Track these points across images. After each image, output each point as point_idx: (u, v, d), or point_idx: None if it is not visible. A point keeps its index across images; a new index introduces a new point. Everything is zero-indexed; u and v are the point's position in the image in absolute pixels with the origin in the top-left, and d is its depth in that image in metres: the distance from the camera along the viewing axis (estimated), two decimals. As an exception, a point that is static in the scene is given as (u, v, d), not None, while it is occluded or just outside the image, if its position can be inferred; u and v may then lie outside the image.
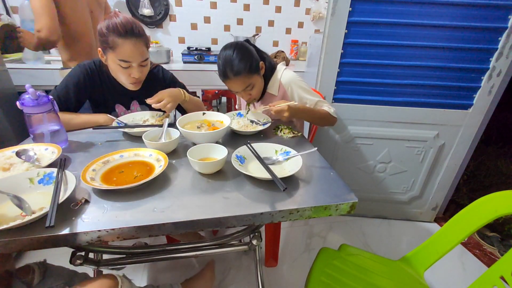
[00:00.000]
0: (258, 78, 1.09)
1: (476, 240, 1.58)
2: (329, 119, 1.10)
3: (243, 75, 1.01)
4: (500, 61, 1.24)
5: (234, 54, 1.00)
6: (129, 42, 0.93)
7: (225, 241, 0.89)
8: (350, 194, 0.67)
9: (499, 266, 0.71)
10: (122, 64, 0.96)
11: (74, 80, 1.04)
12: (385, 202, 1.67)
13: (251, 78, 1.04)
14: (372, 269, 0.90)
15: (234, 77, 1.01)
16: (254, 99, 1.13)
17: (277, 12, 2.39)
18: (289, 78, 1.13)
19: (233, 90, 1.08)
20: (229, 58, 1.00)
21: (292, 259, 1.41)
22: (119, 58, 0.95)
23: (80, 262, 0.74)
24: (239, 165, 0.75)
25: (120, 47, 0.93)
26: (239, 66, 0.99)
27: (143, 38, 0.97)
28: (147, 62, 1.02)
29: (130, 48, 0.93)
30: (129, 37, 0.92)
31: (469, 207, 0.81)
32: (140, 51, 0.96)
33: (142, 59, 0.98)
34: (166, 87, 1.17)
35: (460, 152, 1.48)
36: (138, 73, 1.00)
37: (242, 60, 1.00)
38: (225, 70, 1.01)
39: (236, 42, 1.05)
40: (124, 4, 2.17)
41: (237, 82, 1.02)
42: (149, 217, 0.58)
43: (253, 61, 1.03)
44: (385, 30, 1.22)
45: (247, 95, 1.09)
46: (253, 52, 1.05)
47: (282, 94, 1.16)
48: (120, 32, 0.91)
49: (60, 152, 0.77)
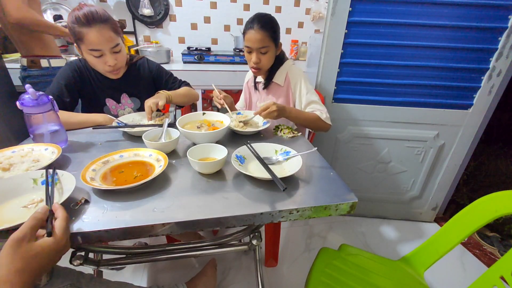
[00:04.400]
0: (273, 50, 1.12)
1: (476, 240, 1.58)
2: (318, 123, 1.10)
3: (267, 31, 1.06)
4: (500, 61, 1.24)
5: (268, 15, 1.09)
6: (94, 30, 0.94)
7: (225, 241, 0.89)
8: (350, 194, 0.67)
9: (499, 266, 0.71)
10: (93, 53, 0.98)
11: (65, 78, 1.06)
12: (385, 202, 1.67)
13: (270, 42, 1.08)
14: (372, 269, 0.90)
15: (259, 28, 1.05)
16: (259, 69, 1.14)
17: (277, 12, 2.39)
18: (296, 72, 1.18)
19: (249, 45, 1.09)
20: (263, 14, 1.08)
21: (292, 259, 1.41)
22: (89, 48, 0.96)
23: (80, 262, 0.74)
24: (239, 165, 0.75)
25: (87, 36, 0.94)
26: (268, 23, 1.06)
27: (108, 23, 0.97)
28: (119, 47, 1.02)
29: (96, 35, 0.94)
30: (92, 25, 0.93)
31: (469, 207, 0.80)
32: (107, 37, 0.97)
33: (111, 44, 0.99)
34: (153, 78, 1.22)
35: (460, 152, 1.48)
36: (112, 60, 1.01)
37: (271, 22, 1.08)
38: (254, 19, 1.06)
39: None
40: (124, 4, 2.17)
41: (258, 34, 1.05)
42: (149, 217, 0.58)
43: (278, 32, 1.10)
44: (385, 30, 1.22)
45: (257, 58, 1.10)
46: (279, 28, 1.12)
47: (287, 86, 1.19)
48: (83, 22, 0.93)
49: (60, 152, 0.77)
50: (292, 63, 1.22)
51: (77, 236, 0.54)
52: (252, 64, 1.13)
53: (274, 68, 1.19)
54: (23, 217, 0.55)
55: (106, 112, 1.16)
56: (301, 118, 1.09)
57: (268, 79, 1.21)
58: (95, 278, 0.74)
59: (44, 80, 1.46)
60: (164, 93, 1.12)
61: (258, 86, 1.28)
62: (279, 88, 1.21)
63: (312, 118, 1.09)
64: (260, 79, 1.27)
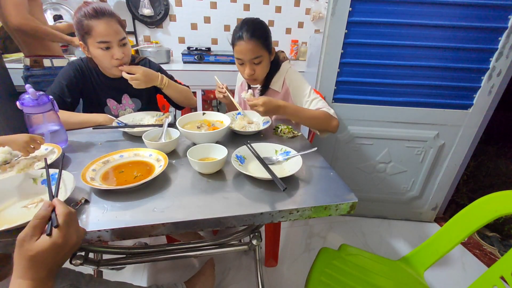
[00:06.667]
0: (267, 58, 1.04)
1: (476, 240, 1.58)
2: (327, 121, 0.99)
3: (257, 41, 0.97)
4: (500, 61, 1.24)
5: (256, 20, 1.01)
6: (103, 21, 0.97)
7: (225, 241, 0.88)
8: (350, 194, 0.67)
9: (499, 266, 0.71)
10: (101, 46, 0.99)
11: (66, 78, 1.07)
12: (385, 202, 1.67)
13: (262, 51, 1.00)
14: (372, 269, 0.91)
15: (248, 39, 0.97)
16: (255, 80, 1.08)
17: (277, 12, 2.39)
18: (294, 76, 1.12)
19: (240, 57, 1.01)
20: (250, 20, 1.00)
21: (292, 259, 1.41)
22: (97, 40, 0.98)
23: (80, 262, 0.74)
24: (239, 165, 0.75)
25: (96, 28, 0.96)
26: (256, 30, 0.98)
27: (115, 17, 1.01)
28: (125, 41, 1.04)
29: (104, 27, 0.97)
30: (101, 17, 0.96)
31: (469, 207, 0.80)
32: (115, 29, 0.99)
33: (119, 37, 1.01)
34: None
35: (460, 152, 1.48)
36: (119, 53, 1.02)
37: (261, 28, 1.00)
38: (241, 29, 0.98)
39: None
40: (124, 4, 2.17)
41: (249, 46, 0.97)
42: (149, 217, 0.58)
43: (269, 37, 1.02)
44: (385, 30, 1.22)
45: (251, 70, 1.03)
46: (270, 33, 1.04)
47: (284, 92, 1.14)
48: (92, 14, 0.96)
49: (60, 152, 0.77)
50: (289, 66, 1.15)
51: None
52: (246, 77, 1.06)
53: (270, 75, 1.12)
54: (23, 217, 0.55)
55: (107, 112, 1.16)
56: (302, 116, 0.98)
57: (265, 87, 1.15)
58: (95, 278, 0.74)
59: (47, 79, 1.48)
60: (158, 79, 1.10)
61: (254, 93, 1.20)
62: (276, 94, 1.15)
63: (319, 115, 0.98)
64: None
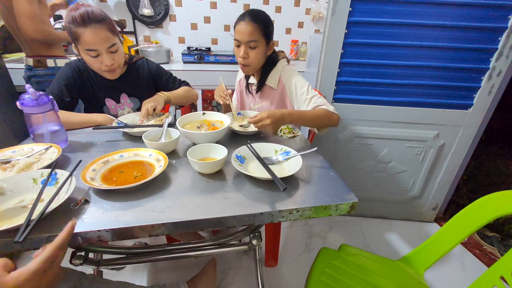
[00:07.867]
0: (264, 46, 1.07)
1: (476, 240, 1.58)
2: (328, 118, 1.00)
3: (258, 25, 1.01)
4: (500, 61, 1.24)
5: (261, 10, 1.05)
6: (90, 29, 0.93)
7: (225, 241, 0.89)
8: (350, 194, 0.67)
9: (499, 266, 0.71)
10: (90, 53, 0.97)
11: (65, 78, 1.06)
12: (385, 202, 1.67)
13: (260, 37, 1.03)
14: (372, 269, 0.90)
15: (248, 21, 1.01)
16: (247, 66, 1.08)
17: (277, 12, 2.39)
18: (290, 74, 1.12)
19: (238, 38, 1.05)
20: (257, 9, 1.05)
21: (292, 259, 1.41)
22: (85, 48, 0.96)
23: (80, 262, 0.74)
24: (239, 165, 0.75)
25: (83, 36, 0.94)
26: (259, 16, 1.02)
27: (104, 23, 0.96)
28: (115, 47, 1.01)
29: (92, 35, 0.94)
30: (88, 25, 0.93)
31: (469, 207, 0.80)
32: (103, 37, 0.96)
33: (108, 44, 0.98)
34: (152, 78, 1.22)
35: (460, 152, 1.48)
36: (109, 60, 1.00)
37: (264, 16, 1.04)
38: (246, 12, 1.03)
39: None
40: (124, 4, 2.17)
41: (249, 27, 1.01)
42: (149, 217, 0.58)
43: (270, 28, 1.06)
44: (385, 30, 1.22)
45: (245, 53, 1.04)
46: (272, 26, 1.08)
47: (281, 89, 1.14)
48: (79, 22, 0.92)
49: (60, 152, 0.77)
50: (286, 63, 1.16)
51: (77, 236, 0.55)
52: (239, 59, 1.07)
53: (266, 70, 1.14)
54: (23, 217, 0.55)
55: (106, 112, 1.16)
56: (307, 119, 0.99)
57: (261, 82, 1.16)
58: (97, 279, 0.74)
59: (50, 79, 1.48)
60: (163, 96, 1.12)
61: (251, 89, 1.24)
62: (272, 91, 1.16)
63: (320, 114, 0.99)
64: (252, 80, 1.22)
